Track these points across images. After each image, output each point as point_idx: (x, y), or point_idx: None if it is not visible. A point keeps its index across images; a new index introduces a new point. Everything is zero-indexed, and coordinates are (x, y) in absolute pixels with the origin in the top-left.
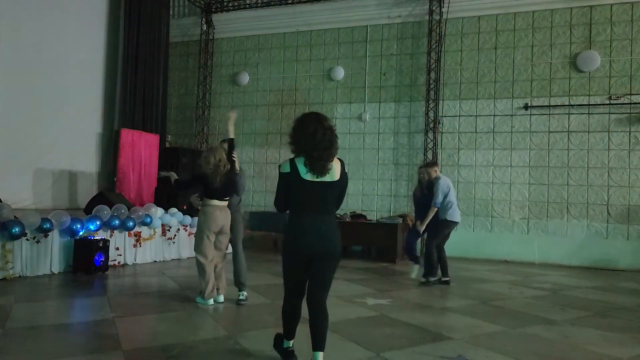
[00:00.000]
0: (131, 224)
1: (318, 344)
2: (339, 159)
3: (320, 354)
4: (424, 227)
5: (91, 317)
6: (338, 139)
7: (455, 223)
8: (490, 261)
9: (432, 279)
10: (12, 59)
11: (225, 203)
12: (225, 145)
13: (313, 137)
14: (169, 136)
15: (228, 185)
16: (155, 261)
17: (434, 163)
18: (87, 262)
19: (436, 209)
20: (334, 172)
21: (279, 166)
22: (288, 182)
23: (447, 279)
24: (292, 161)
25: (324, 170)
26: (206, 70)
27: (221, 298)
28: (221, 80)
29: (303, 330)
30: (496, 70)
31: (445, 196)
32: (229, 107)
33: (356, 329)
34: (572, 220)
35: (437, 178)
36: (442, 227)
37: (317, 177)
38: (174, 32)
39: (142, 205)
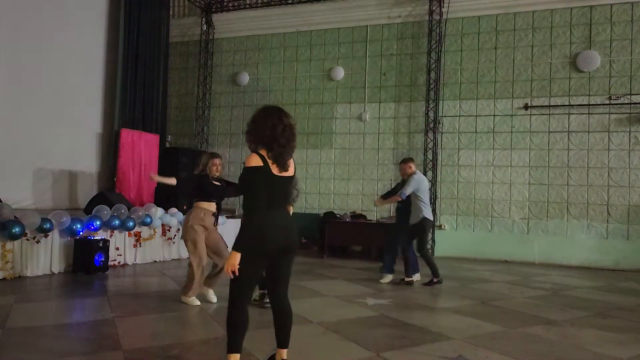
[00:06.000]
0: (131, 224)
1: (286, 341)
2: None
3: (286, 351)
4: (383, 203)
5: (91, 317)
6: (296, 137)
7: (431, 222)
8: (490, 261)
9: (436, 279)
10: (12, 59)
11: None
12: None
13: (273, 131)
14: (169, 136)
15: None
16: (155, 261)
17: (409, 159)
18: (87, 262)
19: (399, 198)
20: (291, 168)
21: (246, 161)
22: (262, 177)
23: (411, 279)
24: (260, 154)
25: (285, 165)
26: (206, 70)
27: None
28: (221, 80)
29: (301, 330)
30: (496, 70)
31: (418, 192)
32: (229, 107)
33: (356, 329)
34: (572, 220)
35: (413, 174)
36: (420, 228)
37: (279, 172)
38: (174, 32)
39: (142, 205)
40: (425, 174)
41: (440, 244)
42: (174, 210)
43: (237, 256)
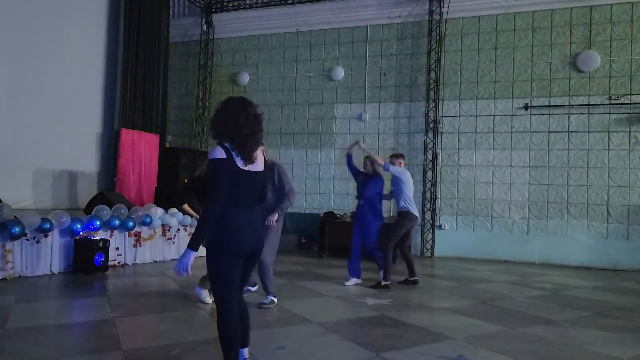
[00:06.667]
0: (131, 224)
1: (247, 340)
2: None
3: (247, 349)
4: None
5: (91, 317)
6: (262, 127)
7: (413, 219)
8: (490, 261)
9: (388, 282)
10: (12, 59)
11: None
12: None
13: (235, 121)
14: (169, 136)
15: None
16: (155, 261)
17: (401, 155)
18: (87, 262)
19: (381, 164)
20: (259, 162)
21: (209, 154)
22: (226, 170)
23: (415, 278)
24: (223, 146)
25: (250, 157)
26: (206, 70)
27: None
28: (221, 80)
29: (301, 330)
30: (496, 70)
31: (403, 185)
32: None
33: (356, 329)
34: (572, 220)
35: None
36: (398, 223)
37: (245, 165)
38: (174, 32)
39: (142, 205)
40: (425, 174)
41: (440, 244)
42: (174, 210)
43: (192, 255)
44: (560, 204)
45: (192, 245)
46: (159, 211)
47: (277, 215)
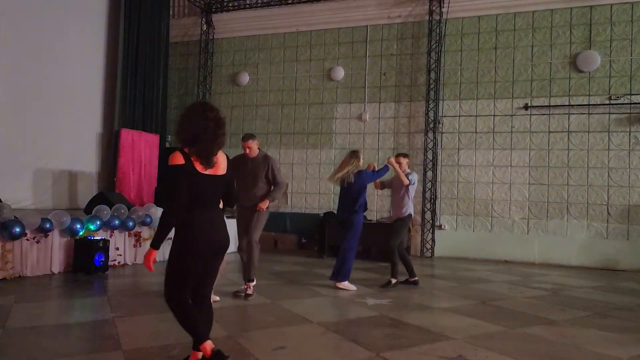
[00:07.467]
0: (131, 224)
1: (208, 334)
2: (226, 154)
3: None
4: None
5: (91, 317)
6: (224, 131)
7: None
8: (490, 261)
9: (395, 279)
10: (12, 59)
11: None
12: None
13: (195, 127)
14: (169, 136)
15: None
16: (155, 261)
17: (405, 154)
18: (87, 262)
19: (407, 183)
20: (220, 166)
21: (169, 158)
22: (184, 175)
23: (416, 279)
24: (183, 152)
25: (211, 162)
26: (206, 70)
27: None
28: (221, 80)
29: (301, 330)
30: (496, 70)
31: (414, 189)
32: (229, 107)
33: (356, 329)
34: (572, 220)
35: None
36: (404, 222)
37: (205, 170)
38: (174, 32)
39: (142, 205)
40: (425, 174)
41: (440, 244)
42: None
43: (154, 253)
44: (560, 204)
45: (155, 245)
46: (159, 211)
47: (267, 202)
